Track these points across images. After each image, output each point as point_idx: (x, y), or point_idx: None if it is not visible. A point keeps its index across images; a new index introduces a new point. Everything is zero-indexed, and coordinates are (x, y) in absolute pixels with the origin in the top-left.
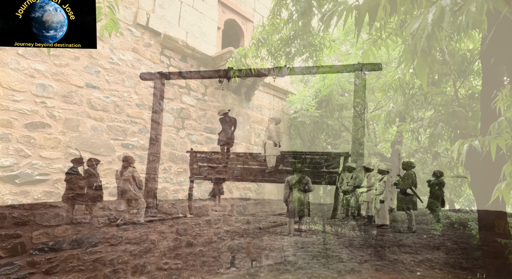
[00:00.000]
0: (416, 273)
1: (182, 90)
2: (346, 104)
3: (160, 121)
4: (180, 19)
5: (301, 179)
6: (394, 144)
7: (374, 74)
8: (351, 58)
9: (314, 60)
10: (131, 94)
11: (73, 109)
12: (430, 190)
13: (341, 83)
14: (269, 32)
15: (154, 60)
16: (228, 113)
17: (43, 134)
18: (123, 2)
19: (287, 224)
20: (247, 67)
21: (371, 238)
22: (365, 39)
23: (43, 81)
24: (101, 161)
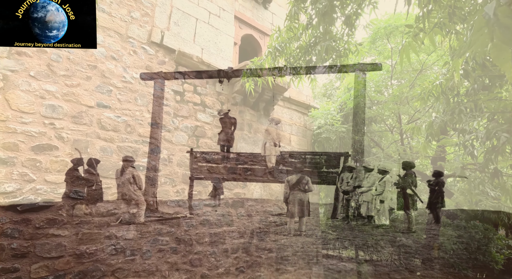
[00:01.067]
0: (416, 273)
1: (197, 107)
2: (375, 117)
3: (172, 140)
4: (196, 36)
5: (301, 179)
6: (435, 161)
7: (405, 79)
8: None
9: (339, 67)
10: (144, 113)
11: (82, 130)
12: (430, 190)
13: (369, 94)
14: (286, 39)
15: (167, 77)
16: (228, 113)
17: (50, 157)
18: (137, 21)
19: (287, 224)
20: (263, 78)
21: (371, 238)
22: (394, 46)
23: (53, 102)
24: (110, 184)
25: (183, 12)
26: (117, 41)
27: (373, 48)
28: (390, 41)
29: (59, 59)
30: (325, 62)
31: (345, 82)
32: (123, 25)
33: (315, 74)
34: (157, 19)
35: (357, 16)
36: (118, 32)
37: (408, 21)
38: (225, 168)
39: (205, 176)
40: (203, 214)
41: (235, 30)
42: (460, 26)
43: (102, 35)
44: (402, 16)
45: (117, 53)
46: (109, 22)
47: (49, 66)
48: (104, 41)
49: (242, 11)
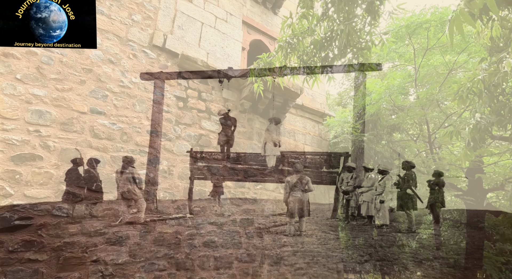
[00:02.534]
0: (416, 273)
1: (201, 114)
2: (399, 125)
3: (174, 150)
4: (201, 40)
5: (301, 179)
6: (472, 172)
7: (430, 83)
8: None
9: (360, 61)
10: (142, 120)
11: (72, 138)
12: (430, 190)
13: (392, 98)
14: (299, 33)
15: (170, 82)
16: (228, 113)
17: (32, 169)
18: (138, 24)
19: (287, 224)
20: (272, 78)
21: (371, 238)
22: (416, 47)
23: (40, 108)
24: (102, 201)
25: (187, 16)
26: (116, 44)
27: (392, 50)
28: (412, 41)
29: (51, 61)
30: (344, 57)
31: (362, 87)
32: (123, 28)
33: (332, 73)
34: (160, 22)
35: (381, 1)
36: (117, 35)
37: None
38: (225, 168)
39: (205, 176)
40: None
41: (243, 35)
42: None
43: (100, 38)
44: (425, 12)
45: (115, 56)
46: (108, 25)
47: (38, 69)
48: (102, 44)
49: (250, 16)
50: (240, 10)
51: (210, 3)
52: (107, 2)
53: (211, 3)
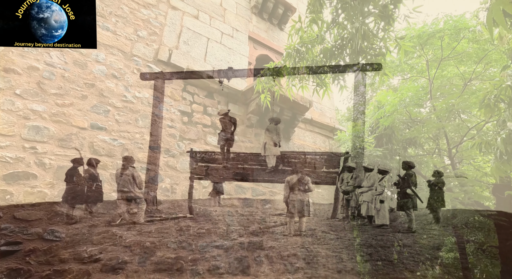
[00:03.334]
0: (416, 273)
1: (206, 129)
2: (415, 139)
3: (177, 166)
4: (207, 55)
5: (301, 179)
6: (501, 189)
7: (447, 92)
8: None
9: (375, 68)
10: (144, 136)
11: (70, 155)
12: (430, 190)
13: (408, 110)
14: (307, 41)
15: (175, 97)
16: (228, 113)
17: (25, 188)
18: (144, 40)
19: (287, 224)
20: (280, 89)
21: (371, 238)
22: (429, 58)
23: (38, 123)
24: (97, 222)
25: (193, 32)
26: (120, 59)
27: (404, 62)
28: (425, 52)
29: (52, 76)
30: (356, 64)
31: (374, 100)
32: (128, 43)
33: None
34: (165, 38)
35: (396, 4)
36: (122, 50)
37: None
38: (225, 168)
39: (205, 176)
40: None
41: (249, 50)
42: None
43: (104, 53)
44: (438, 21)
45: (119, 71)
46: (113, 40)
47: (39, 84)
48: (106, 59)
49: (256, 32)
50: (246, 26)
51: (216, 19)
52: (113, 19)
53: (217, 19)
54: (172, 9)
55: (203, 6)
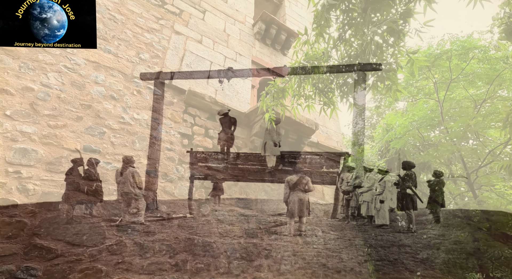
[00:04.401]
0: (416, 273)
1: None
2: (429, 163)
3: (175, 192)
4: (210, 78)
5: (301, 179)
6: None
7: (458, 114)
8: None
9: (387, 85)
10: (141, 159)
11: (57, 180)
12: (430, 190)
13: (420, 131)
14: (313, 57)
15: (175, 119)
16: (228, 113)
17: (2, 217)
18: (146, 63)
19: (287, 224)
20: (284, 108)
21: (371, 238)
22: (437, 80)
23: (26, 146)
24: (83, 257)
25: (196, 55)
26: (120, 81)
27: (410, 84)
28: (432, 73)
29: (47, 97)
30: (367, 80)
31: (382, 122)
32: (129, 65)
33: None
34: (168, 61)
35: (406, 19)
36: (122, 72)
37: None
38: (225, 168)
39: (205, 176)
40: (203, 214)
41: (252, 74)
42: None
43: (104, 74)
44: (444, 42)
45: (118, 93)
46: (114, 63)
47: (32, 105)
48: (105, 81)
49: (259, 57)
50: (249, 51)
51: (219, 44)
52: (116, 42)
53: (220, 44)
54: (176, 34)
55: (207, 32)
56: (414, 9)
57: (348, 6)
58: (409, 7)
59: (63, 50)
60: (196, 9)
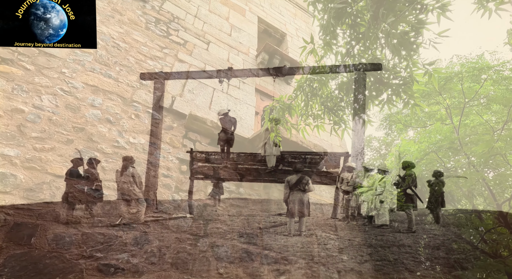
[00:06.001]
0: (416, 273)
1: (208, 180)
2: (452, 193)
3: (170, 224)
4: (212, 104)
5: (301, 179)
6: None
7: (473, 141)
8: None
9: (405, 100)
10: (134, 186)
11: (34, 209)
12: (430, 190)
13: (440, 156)
14: (320, 73)
15: (174, 144)
16: (228, 113)
17: None
18: (146, 87)
19: (287, 224)
20: (291, 127)
21: (371, 238)
22: (450, 104)
23: (5, 170)
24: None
25: (199, 82)
26: (118, 105)
27: (411, 116)
28: (443, 97)
29: (37, 119)
30: (379, 96)
31: (394, 150)
32: (129, 90)
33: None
34: (169, 86)
35: (418, 31)
36: (121, 96)
37: None
38: (225, 168)
39: (205, 176)
40: (203, 214)
41: (256, 101)
42: None
43: (102, 98)
44: (453, 65)
45: (115, 116)
46: (113, 87)
47: (19, 127)
48: (102, 104)
49: (263, 85)
50: (253, 79)
51: (222, 72)
52: (117, 68)
53: (223, 72)
54: (179, 61)
55: (210, 61)
56: (426, 19)
57: (354, 21)
58: (420, 19)
59: (61, 73)
60: (201, 40)
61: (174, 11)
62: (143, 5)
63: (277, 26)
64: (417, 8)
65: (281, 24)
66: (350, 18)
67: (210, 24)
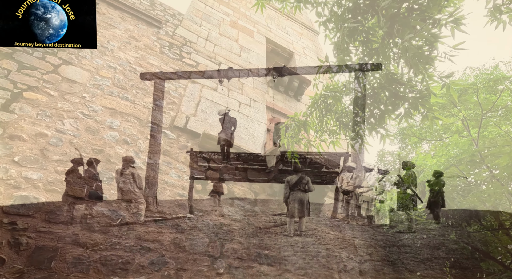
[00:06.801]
0: (416, 273)
1: (222, 198)
2: (476, 209)
3: (186, 245)
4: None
5: (301, 179)
6: None
7: (492, 153)
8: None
9: (423, 113)
10: (150, 206)
11: (56, 232)
12: (430, 190)
13: (461, 169)
14: (334, 88)
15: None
16: (228, 113)
17: None
18: (161, 108)
19: (287, 224)
20: (307, 142)
21: (371, 238)
22: (466, 116)
23: (28, 193)
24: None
25: (212, 102)
26: (135, 126)
27: (427, 130)
28: (459, 109)
29: (59, 143)
30: (396, 110)
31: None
32: (145, 111)
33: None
34: (183, 106)
35: (432, 44)
36: (138, 117)
37: None
38: (225, 168)
39: (205, 176)
40: (203, 214)
41: (267, 118)
42: None
43: (119, 120)
44: (466, 77)
45: (132, 137)
46: (131, 109)
47: (43, 150)
48: (120, 126)
49: (274, 102)
50: (264, 97)
51: (234, 91)
52: (134, 90)
53: (235, 91)
54: (192, 82)
55: None
56: (440, 33)
57: (366, 37)
58: (433, 33)
59: (82, 98)
60: (212, 62)
61: (186, 35)
62: (157, 31)
63: (284, 46)
64: (430, 23)
65: (288, 43)
66: (362, 35)
67: (221, 46)
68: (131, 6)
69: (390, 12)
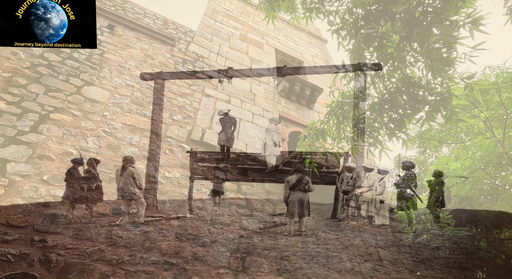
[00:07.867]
0: (416, 273)
1: (241, 210)
2: (505, 215)
3: (207, 259)
4: (239, 133)
5: (301, 179)
6: None
7: None
8: None
9: (446, 116)
10: (171, 221)
11: (81, 249)
12: (430, 190)
13: (488, 172)
14: (350, 96)
15: (206, 175)
16: (228, 113)
17: None
18: (178, 123)
19: (287, 224)
20: (324, 150)
21: (371, 238)
22: (489, 117)
23: (56, 211)
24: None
25: None
26: (154, 141)
27: (446, 132)
28: (481, 109)
29: (83, 161)
30: (417, 114)
31: (430, 169)
32: (163, 126)
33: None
34: (199, 120)
35: (451, 46)
36: (156, 133)
37: None
38: (225, 168)
39: (205, 176)
40: (203, 214)
41: (281, 127)
42: None
43: (139, 136)
44: (486, 76)
45: (151, 152)
46: (148, 125)
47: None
48: (139, 142)
49: (286, 112)
50: (276, 107)
51: (246, 103)
52: (151, 107)
53: (247, 103)
54: (206, 96)
55: (234, 93)
56: (458, 34)
57: (380, 42)
58: (450, 35)
59: (103, 116)
60: (224, 75)
61: (199, 51)
62: (171, 48)
63: (293, 55)
64: (447, 25)
65: (297, 53)
66: (376, 41)
67: (232, 59)
68: (145, 26)
69: (406, 17)
